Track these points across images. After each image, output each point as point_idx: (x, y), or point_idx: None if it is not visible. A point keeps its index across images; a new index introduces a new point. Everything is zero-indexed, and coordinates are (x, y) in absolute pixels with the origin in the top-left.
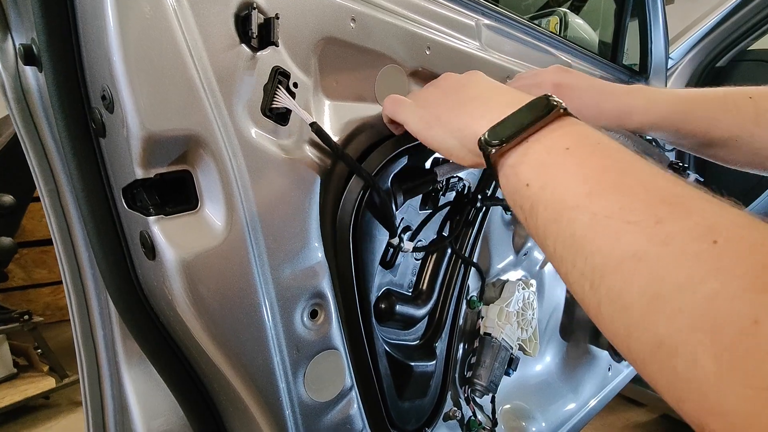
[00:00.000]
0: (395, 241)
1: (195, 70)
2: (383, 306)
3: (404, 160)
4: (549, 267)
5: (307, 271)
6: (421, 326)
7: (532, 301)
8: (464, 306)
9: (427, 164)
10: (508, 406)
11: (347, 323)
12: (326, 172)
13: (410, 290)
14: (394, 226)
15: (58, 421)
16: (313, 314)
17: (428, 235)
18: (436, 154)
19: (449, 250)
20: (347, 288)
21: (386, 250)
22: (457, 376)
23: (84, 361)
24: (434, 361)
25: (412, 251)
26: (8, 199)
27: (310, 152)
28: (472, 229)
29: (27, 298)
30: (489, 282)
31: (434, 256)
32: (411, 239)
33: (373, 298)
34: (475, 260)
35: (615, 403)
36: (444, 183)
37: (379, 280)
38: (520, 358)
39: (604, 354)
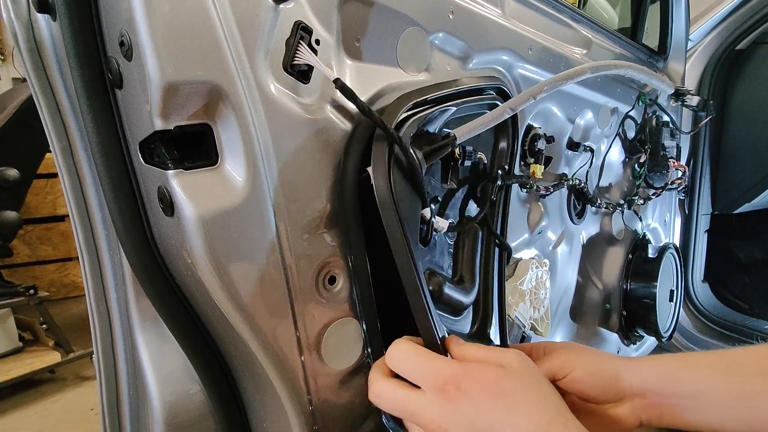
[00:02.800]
0: (427, 213)
1: (217, 17)
2: (431, 287)
3: (422, 122)
4: (561, 247)
5: (326, 236)
6: (467, 314)
7: (545, 280)
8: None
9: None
10: None
11: (412, 305)
12: (348, 135)
13: (449, 273)
14: (424, 193)
15: (64, 394)
16: (332, 280)
17: (453, 213)
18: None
19: (480, 232)
20: (401, 261)
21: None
22: None
23: (97, 323)
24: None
25: (447, 231)
26: (13, 173)
27: (332, 113)
28: (499, 208)
29: (32, 274)
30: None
31: (468, 238)
32: (439, 215)
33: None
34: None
35: None
36: (461, 152)
37: (425, 264)
38: (531, 337)
39: (613, 337)
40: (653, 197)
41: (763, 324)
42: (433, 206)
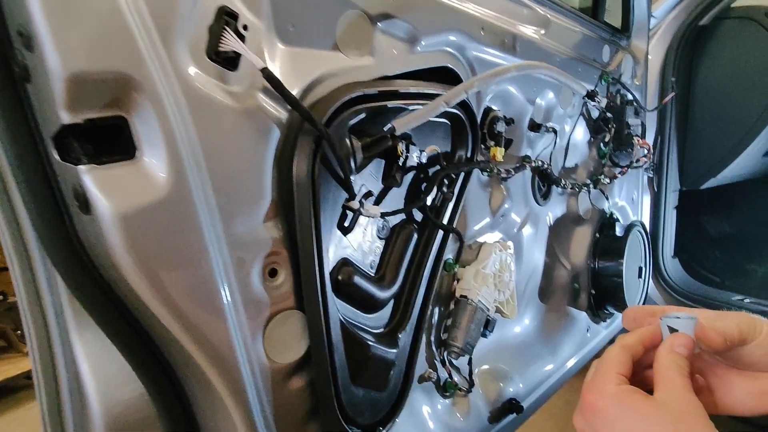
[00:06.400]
0: (355, 204)
1: (125, 3)
2: (340, 277)
3: (362, 114)
4: (527, 229)
5: (263, 228)
6: (386, 315)
7: (510, 263)
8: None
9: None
10: (486, 367)
11: (304, 283)
12: (282, 123)
13: (371, 270)
14: (350, 186)
15: None
16: (272, 273)
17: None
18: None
19: (415, 235)
20: (305, 247)
21: (344, 214)
22: (432, 338)
23: (32, 328)
24: (395, 350)
25: (381, 216)
26: None
27: (264, 101)
28: (452, 194)
29: (7, 280)
30: (466, 244)
31: (400, 237)
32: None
33: (329, 264)
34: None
35: None
36: (405, 151)
37: (338, 251)
38: (496, 320)
39: (582, 315)
40: (619, 176)
41: (731, 295)
42: (364, 200)
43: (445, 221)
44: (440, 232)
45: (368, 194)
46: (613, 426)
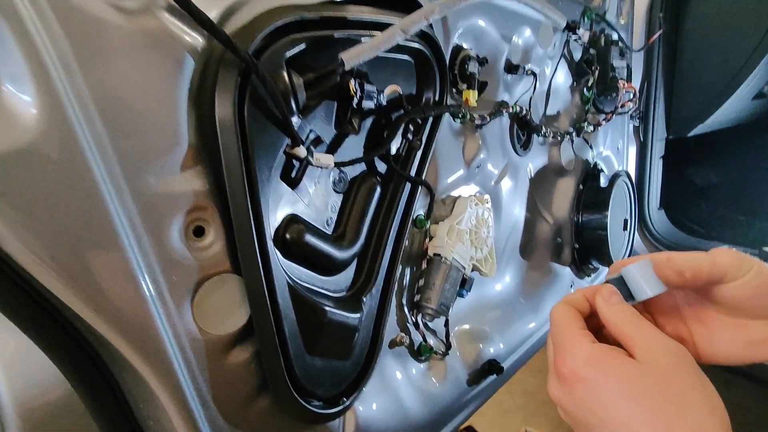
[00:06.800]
0: (301, 152)
1: None
2: (288, 235)
3: (302, 45)
4: (505, 182)
5: (181, 179)
6: (349, 277)
7: (487, 218)
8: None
9: None
10: (465, 327)
11: (238, 243)
12: (198, 52)
13: (329, 228)
14: (292, 129)
15: None
16: (198, 232)
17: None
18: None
19: (379, 188)
20: (236, 201)
21: (289, 165)
22: (405, 300)
23: None
24: (359, 315)
25: (336, 167)
26: None
27: (171, 23)
28: (419, 142)
29: None
30: (438, 198)
31: (361, 191)
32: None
33: (272, 221)
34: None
35: None
36: (359, 91)
37: (285, 207)
38: (474, 278)
39: (566, 271)
40: (604, 122)
41: (718, 245)
42: (313, 148)
43: (413, 173)
44: (408, 185)
45: (318, 141)
46: (595, 392)
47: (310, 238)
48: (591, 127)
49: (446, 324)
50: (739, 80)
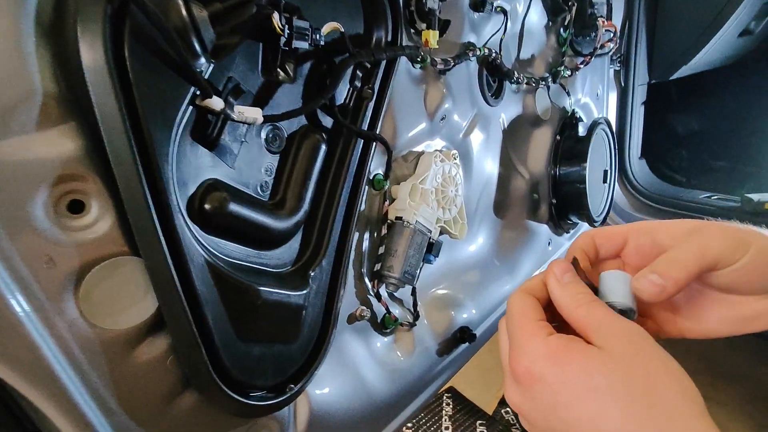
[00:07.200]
0: (216, 104)
1: None
2: (207, 205)
3: None
4: (475, 134)
5: (39, 141)
6: (294, 250)
7: (455, 175)
8: (365, 192)
9: None
10: (435, 293)
11: (131, 218)
12: None
13: (264, 194)
14: (194, 74)
15: None
16: (76, 207)
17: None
18: None
19: (324, 146)
20: (121, 167)
21: (204, 121)
22: (365, 270)
23: None
24: (304, 291)
25: (265, 121)
26: None
27: None
28: (371, 91)
29: None
30: (398, 156)
31: (302, 149)
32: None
33: (180, 189)
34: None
35: None
36: (287, 28)
37: (203, 172)
38: (443, 242)
39: (543, 228)
40: (582, 66)
41: (698, 194)
42: (233, 99)
43: (365, 127)
44: (360, 141)
45: (239, 91)
46: (555, 393)
47: (235, 207)
48: (568, 72)
49: (413, 293)
50: (725, 16)
